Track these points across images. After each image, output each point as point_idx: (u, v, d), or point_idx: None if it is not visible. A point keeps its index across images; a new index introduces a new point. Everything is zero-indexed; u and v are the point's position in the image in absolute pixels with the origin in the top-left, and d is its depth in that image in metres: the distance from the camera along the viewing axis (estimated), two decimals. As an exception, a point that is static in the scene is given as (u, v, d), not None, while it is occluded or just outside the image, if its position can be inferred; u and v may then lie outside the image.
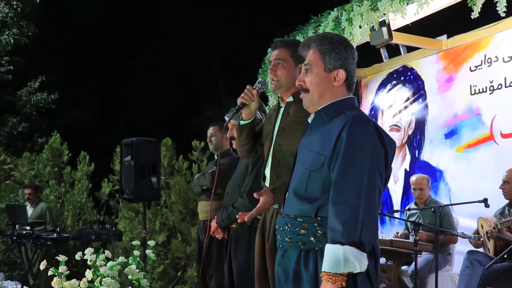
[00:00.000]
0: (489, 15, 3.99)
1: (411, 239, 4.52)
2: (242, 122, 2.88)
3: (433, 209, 4.19)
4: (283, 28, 6.15)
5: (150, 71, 15.38)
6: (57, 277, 3.45)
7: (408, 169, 6.11)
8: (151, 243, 4.01)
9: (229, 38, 15.54)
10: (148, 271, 6.19)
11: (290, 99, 2.77)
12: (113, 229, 5.75)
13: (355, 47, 2.28)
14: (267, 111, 3.54)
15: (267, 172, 2.74)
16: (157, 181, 5.51)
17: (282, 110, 2.79)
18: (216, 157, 4.55)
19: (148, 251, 3.94)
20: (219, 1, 15.61)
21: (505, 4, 3.55)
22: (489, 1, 3.64)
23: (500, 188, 4.19)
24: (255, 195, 2.51)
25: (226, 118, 2.86)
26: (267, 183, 2.72)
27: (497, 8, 3.57)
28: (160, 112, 15.07)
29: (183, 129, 13.61)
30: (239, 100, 2.81)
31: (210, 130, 4.61)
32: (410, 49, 6.35)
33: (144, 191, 5.39)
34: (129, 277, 3.64)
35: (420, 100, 6.07)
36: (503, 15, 3.67)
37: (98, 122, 15.05)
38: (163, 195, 7.09)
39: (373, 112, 6.89)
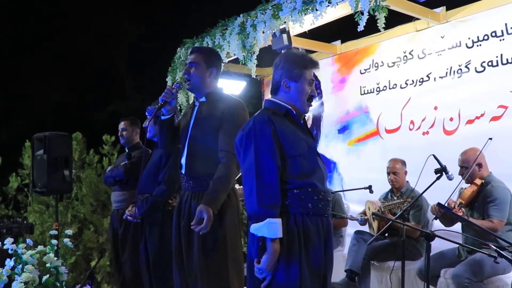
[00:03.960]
0: (376, 24, 4.55)
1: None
2: (163, 118, 3.21)
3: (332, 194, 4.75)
4: (190, 29, 6.49)
5: (56, 65, 14.98)
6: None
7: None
8: (67, 232, 4.16)
9: (136, 35, 15.54)
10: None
11: (203, 99, 3.16)
12: (25, 222, 5.80)
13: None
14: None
15: (183, 161, 3.11)
16: (69, 174, 5.65)
17: (196, 108, 3.18)
18: (127, 150, 4.78)
19: (65, 240, 4.11)
20: (128, -3, 15.55)
21: (384, 21, 4.16)
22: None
23: (389, 179, 4.77)
24: None
25: (148, 114, 3.20)
26: (183, 171, 3.10)
27: (378, 24, 4.17)
28: (66, 106, 14.74)
29: (90, 123, 13.46)
30: (160, 98, 3.14)
31: (121, 125, 4.84)
32: (308, 52, 6.95)
33: (56, 184, 5.51)
34: (47, 265, 3.81)
35: (317, 98, 6.68)
36: (382, 30, 4.29)
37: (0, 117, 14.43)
38: (74, 188, 7.18)
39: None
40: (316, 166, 2.43)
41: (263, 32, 4.95)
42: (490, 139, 3.81)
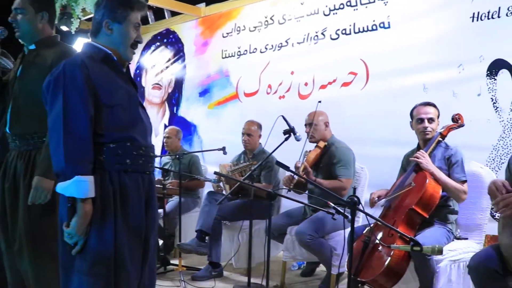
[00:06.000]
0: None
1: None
2: None
3: (177, 156, 4.65)
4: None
5: None
6: None
7: (167, 124, 6.57)
8: None
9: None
10: None
11: (33, 47, 2.82)
12: None
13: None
14: None
15: (8, 117, 2.77)
16: None
17: (25, 58, 2.83)
18: None
19: None
20: None
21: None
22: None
23: (243, 139, 4.74)
24: None
25: None
26: (7, 129, 2.75)
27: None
28: None
29: None
30: None
31: None
32: (174, 14, 6.74)
33: None
34: None
35: (180, 61, 6.52)
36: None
37: None
38: None
39: (138, 71, 7.15)
40: (137, 118, 2.18)
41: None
42: (319, 101, 3.93)
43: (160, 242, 4.75)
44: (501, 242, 2.49)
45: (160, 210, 4.70)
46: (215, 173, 3.43)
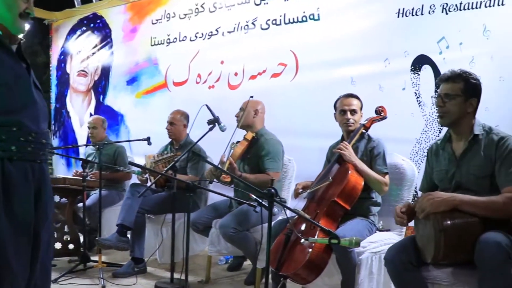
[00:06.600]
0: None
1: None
2: None
3: (97, 146, 4.43)
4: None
5: None
6: None
7: (93, 113, 6.29)
8: None
9: None
10: None
11: None
12: None
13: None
14: None
15: None
16: None
17: None
18: None
19: None
20: None
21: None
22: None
23: (166, 128, 4.61)
24: None
25: None
26: None
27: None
28: None
29: None
30: None
31: None
32: (101, -2, 6.46)
33: None
34: None
35: (107, 47, 6.26)
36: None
37: None
38: None
39: (62, 56, 6.80)
40: (27, 101, 1.97)
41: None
42: (251, 96, 3.86)
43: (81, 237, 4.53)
44: (416, 233, 2.51)
45: (81, 204, 4.50)
46: (130, 163, 3.25)
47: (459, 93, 2.48)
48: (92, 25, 6.48)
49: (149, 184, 4.48)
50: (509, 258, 2.12)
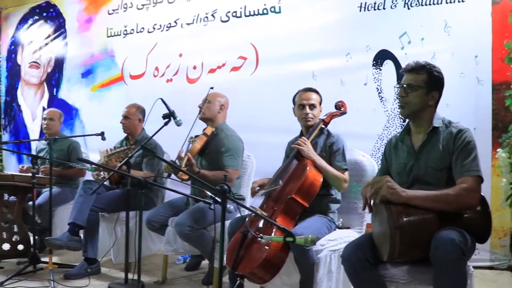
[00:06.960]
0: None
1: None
2: None
3: (48, 141, 4.22)
4: None
5: None
6: None
7: (46, 107, 6.03)
8: None
9: None
10: None
11: None
12: None
13: None
14: None
15: None
16: None
17: None
18: None
19: None
20: None
21: None
22: None
23: (120, 122, 4.44)
24: None
25: None
26: None
27: None
28: None
29: None
30: None
31: None
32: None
33: None
34: None
35: (61, 38, 6.01)
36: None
37: None
38: None
39: (13, 47, 6.51)
40: None
41: None
42: (212, 88, 3.73)
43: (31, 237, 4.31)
44: (372, 231, 2.45)
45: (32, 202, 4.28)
46: (79, 159, 3.07)
47: (422, 85, 2.43)
48: (45, 14, 6.20)
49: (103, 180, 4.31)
50: (463, 255, 2.08)
